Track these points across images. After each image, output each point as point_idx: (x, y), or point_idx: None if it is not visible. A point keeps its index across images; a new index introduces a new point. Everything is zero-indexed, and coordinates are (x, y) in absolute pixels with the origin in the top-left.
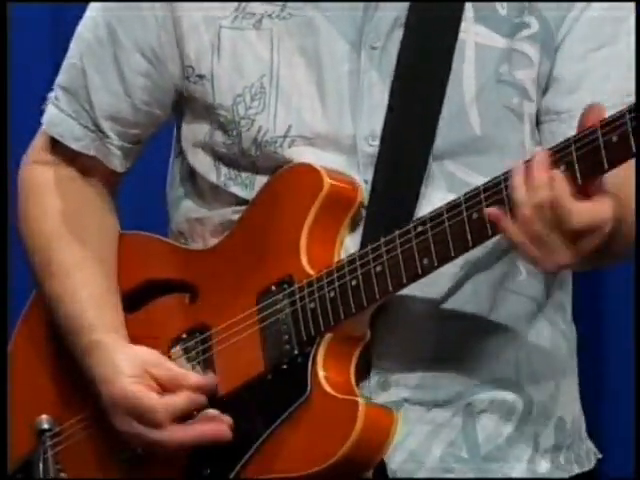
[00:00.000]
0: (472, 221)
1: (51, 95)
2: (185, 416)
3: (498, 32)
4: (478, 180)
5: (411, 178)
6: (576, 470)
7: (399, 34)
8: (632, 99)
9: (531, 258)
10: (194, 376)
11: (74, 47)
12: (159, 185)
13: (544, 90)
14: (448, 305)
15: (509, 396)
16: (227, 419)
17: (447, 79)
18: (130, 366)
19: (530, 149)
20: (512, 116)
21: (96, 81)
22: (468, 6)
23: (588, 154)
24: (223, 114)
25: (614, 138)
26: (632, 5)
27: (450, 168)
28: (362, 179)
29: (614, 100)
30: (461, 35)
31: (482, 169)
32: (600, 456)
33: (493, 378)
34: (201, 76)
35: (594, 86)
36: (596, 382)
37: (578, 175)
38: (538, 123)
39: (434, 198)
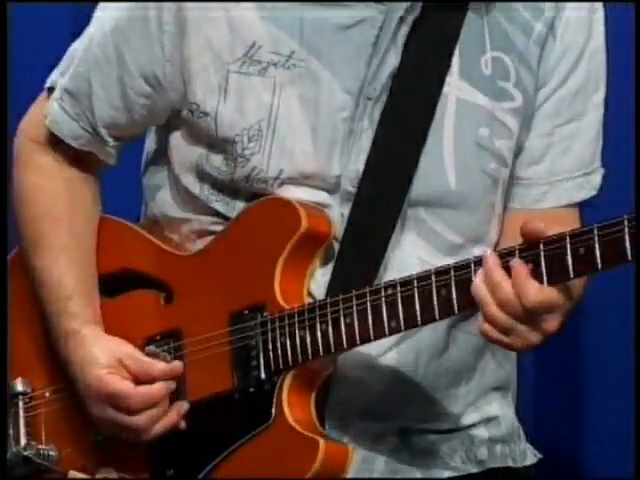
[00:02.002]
0: (441, 297)
1: (54, 80)
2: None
3: (480, 90)
4: (446, 231)
5: (385, 219)
6: (510, 463)
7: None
8: (589, 169)
9: (504, 345)
10: (161, 364)
11: (82, 57)
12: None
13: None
14: (406, 347)
15: (445, 425)
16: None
17: (428, 130)
18: (105, 357)
19: (498, 210)
20: (487, 180)
21: (100, 94)
22: (454, 61)
23: (557, 259)
24: (225, 146)
25: (581, 250)
26: (603, 79)
27: (422, 215)
28: (339, 212)
29: (571, 172)
30: (445, 89)
31: (451, 222)
32: (540, 456)
33: (437, 414)
34: (206, 113)
35: (554, 159)
36: (596, 383)
37: (545, 279)
38: None
39: (404, 240)
